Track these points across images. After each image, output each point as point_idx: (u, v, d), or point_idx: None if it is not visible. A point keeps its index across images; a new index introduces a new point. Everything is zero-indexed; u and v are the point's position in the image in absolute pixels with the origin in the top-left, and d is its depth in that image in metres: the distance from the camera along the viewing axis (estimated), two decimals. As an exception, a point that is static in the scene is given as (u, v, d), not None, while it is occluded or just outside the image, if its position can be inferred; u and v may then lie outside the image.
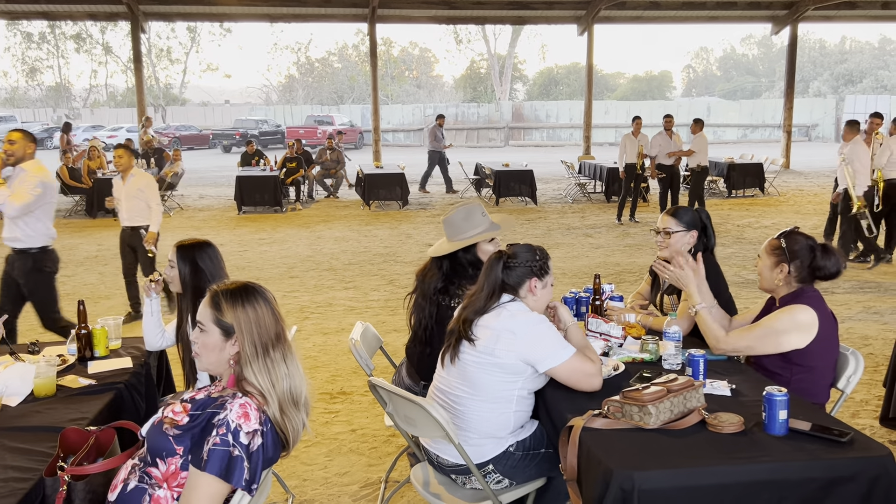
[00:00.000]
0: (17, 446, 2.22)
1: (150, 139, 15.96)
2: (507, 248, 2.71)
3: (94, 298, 7.45)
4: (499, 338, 2.50)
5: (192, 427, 1.91)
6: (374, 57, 17.27)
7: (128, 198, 6.36)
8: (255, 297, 2.02)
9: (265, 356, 1.98)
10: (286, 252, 9.76)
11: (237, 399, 1.92)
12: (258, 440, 1.90)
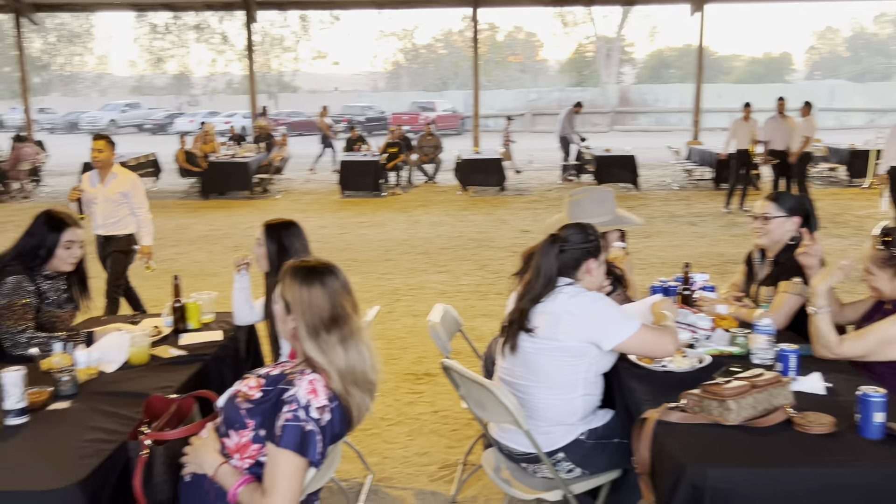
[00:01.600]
0: (107, 410, 2.36)
1: (265, 125, 16.61)
2: (558, 231, 2.62)
3: (202, 276, 7.82)
4: (558, 321, 2.44)
5: (262, 402, 1.96)
6: (476, 42, 17.20)
7: (105, 201, 5.23)
8: (315, 279, 2.04)
9: (316, 337, 2.01)
10: (384, 235, 9.93)
11: (306, 375, 1.96)
12: (327, 415, 1.93)
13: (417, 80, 50.65)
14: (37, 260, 3.12)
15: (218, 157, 14.03)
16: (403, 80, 51.15)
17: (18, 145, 14.08)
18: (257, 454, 1.97)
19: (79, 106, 44.14)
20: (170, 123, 36.33)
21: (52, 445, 2.09)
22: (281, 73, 45.87)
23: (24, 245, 3.15)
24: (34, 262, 3.12)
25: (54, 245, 3.14)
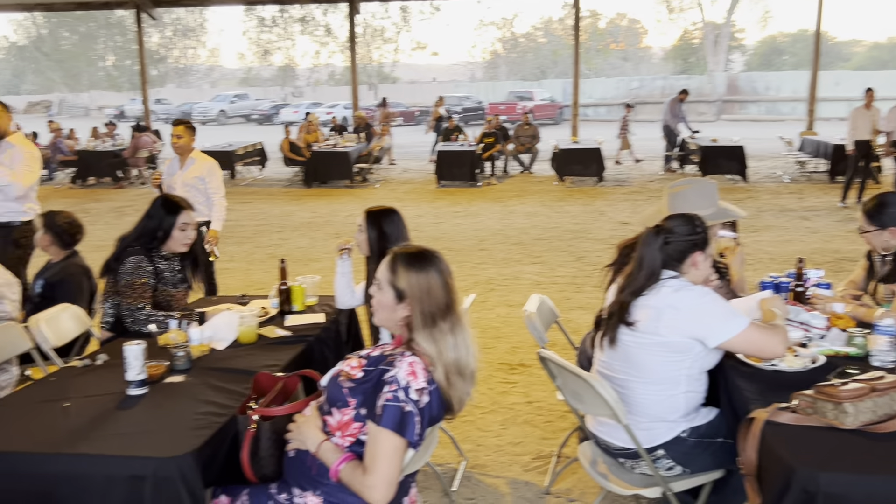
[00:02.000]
0: (218, 385, 2.48)
1: (362, 115, 16.97)
2: (662, 222, 2.53)
3: (305, 261, 8.08)
4: (661, 315, 2.37)
5: (364, 382, 2.01)
6: (577, 29, 16.89)
7: (184, 186, 5.19)
8: (429, 265, 2.06)
9: (433, 326, 2.02)
10: (478, 225, 9.95)
11: (406, 357, 1.99)
12: (425, 398, 1.96)
13: (515, 70, 50.31)
14: (154, 241, 3.32)
15: (320, 147, 14.44)
16: (501, 70, 50.93)
17: (137, 134, 14.97)
18: (358, 432, 2.02)
19: (191, 97, 46.49)
20: (275, 114, 37.66)
21: (169, 416, 2.22)
22: (381, 65, 46.69)
23: (143, 227, 3.36)
24: (152, 244, 3.32)
25: (171, 227, 3.33)
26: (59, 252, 3.86)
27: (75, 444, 2.02)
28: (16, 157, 4.60)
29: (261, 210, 11.59)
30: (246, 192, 13.74)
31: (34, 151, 4.69)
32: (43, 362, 3.20)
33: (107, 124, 17.03)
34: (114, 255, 3.31)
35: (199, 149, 5.48)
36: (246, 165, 15.43)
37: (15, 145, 4.61)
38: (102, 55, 52.98)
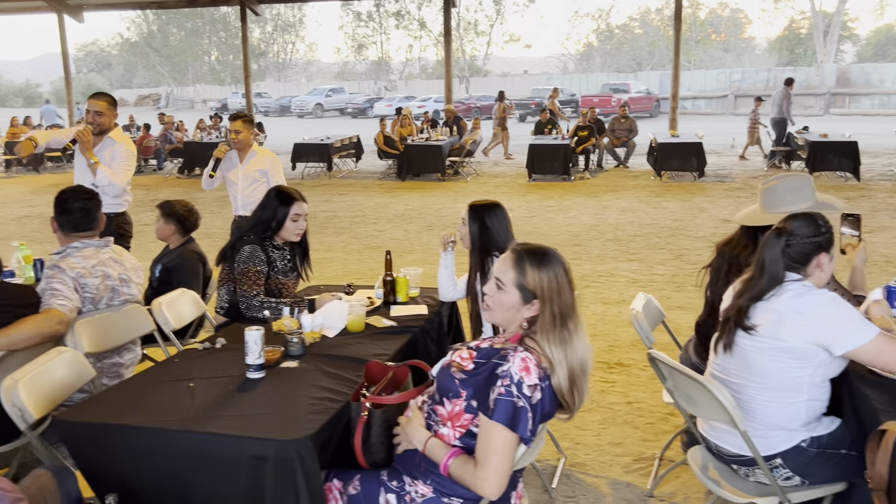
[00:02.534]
0: (331, 371, 2.55)
1: (452, 109, 17.04)
2: (783, 223, 2.41)
3: (399, 252, 8.19)
4: (783, 320, 2.26)
5: (476, 374, 2.02)
6: (679, 20, 16.36)
7: (245, 180, 5.14)
8: (555, 263, 2.04)
9: (562, 327, 2.00)
10: (571, 220, 9.82)
11: (518, 353, 1.98)
12: (538, 394, 1.95)
13: (610, 62, 49.30)
14: (268, 231, 3.45)
15: (414, 140, 14.60)
16: (595, 62, 50.00)
17: (241, 127, 15.54)
18: (469, 424, 2.03)
19: (289, 91, 47.97)
20: (369, 107, 38.31)
21: (287, 399, 2.31)
22: (473, 58, 46.76)
23: (258, 218, 3.50)
24: (266, 234, 3.44)
25: (284, 217, 3.45)
26: (179, 239, 4.07)
27: (202, 423, 2.12)
28: (116, 155, 4.68)
29: (356, 202, 11.84)
30: (342, 183, 14.07)
31: (132, 148, 4.80)
32: (163, 343, 3.38)
33: (211, 117, 17.79)
34: (230, 243, 3.46)
35: (299, 141, 5.56)
36: (342, 158, 15.78)
37: (116, 142, 4.71)
38: (207, 50, 55.39)
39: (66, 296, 2.89)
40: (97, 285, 3.09)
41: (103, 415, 2.20)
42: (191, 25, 53.35)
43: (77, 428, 2.16)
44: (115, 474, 2.14)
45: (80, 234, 3.15)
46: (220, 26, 52.68)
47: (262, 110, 40.50)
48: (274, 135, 22.11)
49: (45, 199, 10.52)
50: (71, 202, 3.14)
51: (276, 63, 56.26)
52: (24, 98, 62.68)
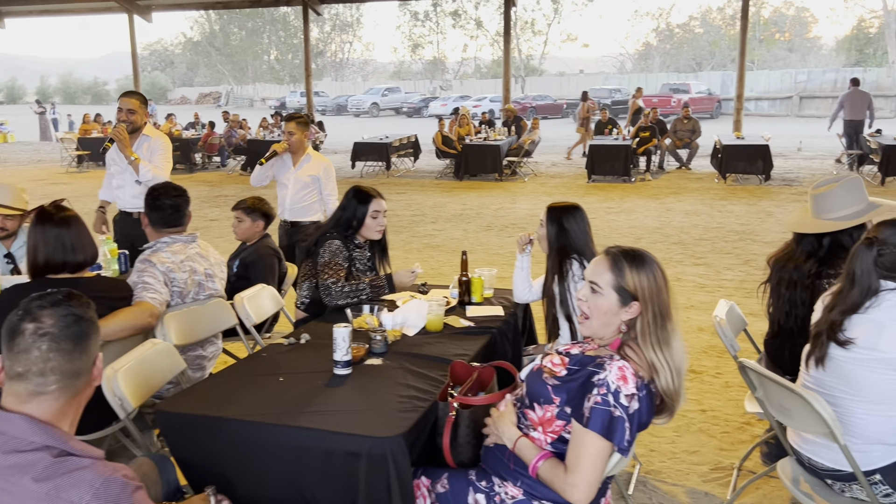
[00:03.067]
0: (416, 370, 2.57)
1: (511, 109, 16.99)
2: (872, 231, 2.32)
3: (459, 252, 8.19)
4: (882, 330, 2.18)
5: (569, 381, 2.00)
6: (745, 19, 15.97)
7: (297, 184, 4.96)
8: (653, 264, 2.02)
9: (662, 328, 1.97)
10: (633, 222, 9.69)
11: (615, 361, 1.96)
12: (635, 404, 1.92)
13: (669, 61, 48.44)
14: (350, 230, 3.50)
15: (472, 140, 14.61)
16: (654, 62, 49.20)
17: (302, 125, 15.80)
18: (561, 430, 2.02)
19: (346, 90, 48.57)
20: (424, 107, 38.49)
21: (375, 397, 2.33)
22: (529, 57, 46.54)
23: (338, 218, 3.55)
24: (348, 232, 3.50)
25: (364, 215, 3.50)
26: (257, 234, 4.16)
27: (295, 418, 2.16)
28: (154, 150, 4.67)
29: (415, 201, 11.90)
30: (400, 182, 14.16)
31: (167, 142, 4.78)
32: (244, 337, 3.46)
33: (273, 115, 18.12)
34: (313, 240, 3.53)
35: (358, 139, 5.56)
36: (400, 157, 15.89)
37: (151, 137, 4.70)
38: (266, 49, 56.51)
39: (156, 289, 2.98)
40: (185, 280, 3.18)
41: (200, 406, 2.26)
42: (251, 25, 54.52)
43: (176, 419, 2.22)
44: (211, 465, 2.19)
45: (169, 229, 3.25)
46: (280, 26, 53.69)
47: (320, 109, 41.11)
48: (331, 133, 22.42)
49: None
50: (162, 199, 3.24)
51: (333, 62, 57.04)
52: (92, 95, 65.02)
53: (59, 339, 1.51)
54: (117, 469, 1.47)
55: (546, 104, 36.00)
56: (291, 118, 5.00)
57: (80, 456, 1.47)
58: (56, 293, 1.58)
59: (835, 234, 2.87)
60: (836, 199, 2.85)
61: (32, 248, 2.75)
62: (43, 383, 1.49)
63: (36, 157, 20.22)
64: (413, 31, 47.57)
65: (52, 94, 59.53)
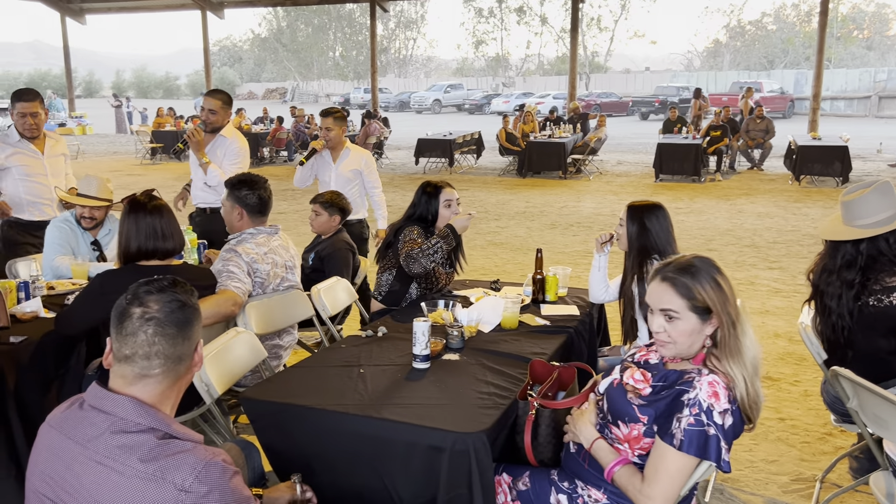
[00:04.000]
0: (493, 367, 2.56)
1: (577, 106, 16.82)
2: None
3: (523, 250, 8.16)
4: None
5: (656, 400, 1.96)
6: (825, 15, 15.37)
7: (338, 180, 4.83)
8: (708, 268, 1.97)
9: (734, 330, 1.93)
10: (703, 224, 9.45)
11: (704, 377, 1.90)
12: (729, 419, 1.87)
13: (739, 59, 47.09)
14: (426, 224, 3.52)
15: (536, 137, 14.50)
16: (723, 59, 47.91)
17: (368, 121, 15.98)
18: (649, 447, 1.97)
19: (408, 86, 48.90)
20: (486, 104, 38.42)
21: (455, 392, 2.33)
22: (595, 54, 45.96)
23: (411, 215, 3.59)
24: (425, 226, 3.52)
25: (437, 208, 3.53)
26: (333, 228, 4.22)
27: (378, 409, 2.18)
28: (228, 152, 4.65)
29: (477, 197, 11.89)
30: (462, 179, 14.17)
31: (244, 145, 4.74)
32: (320, 327, 3.52)
33: (339, 111, 18.35)
34: (392, 232, 3.57)
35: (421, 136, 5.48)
36: (463, 154, 15.91)
37: (227, 139, 4.67)
38: (332, 46, 57.35)
39: (240, 279, 3.05)
40: (267, 271, 3.24)
41: (285, 395, 2.30)
42: (318, 22, 55.40)
43: (262, 405, 2.27)
44: (294, 451, 2.23)
45: (254, 221, 3.32)
46: (346, 23, 54.39)
47: (382, 105, 41.53)
48: (394, 130, 22.63)
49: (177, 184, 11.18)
50: (249, 193, 3.30)
51: (396, 59, 57.50)
52: (164, 90, 67.20)
53: (164, 323, 1.55)
54: (217, 453, 1.50)
55: (611, 101, 35.48)
56: (328, 113, 4.85)
57: (182, 439, 1.51)
58: (162, 280, 1.62)
59: (872, 240, 2.74)
60: (870, 205, 2.72)
61: (125, 235, 2.85)
62: (148, 366, 1.54)
63: (112, 148, 21.01)
64: (477, 28, 47.59)
65: (126, 89, 61.78)
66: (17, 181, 4.47)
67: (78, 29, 23.03)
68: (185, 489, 1.41)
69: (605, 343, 3.72)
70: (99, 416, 1.51)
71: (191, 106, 30.64)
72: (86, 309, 2.77)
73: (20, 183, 4.47)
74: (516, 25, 45.59)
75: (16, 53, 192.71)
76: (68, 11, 22.58)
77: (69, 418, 1.54)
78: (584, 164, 14.58)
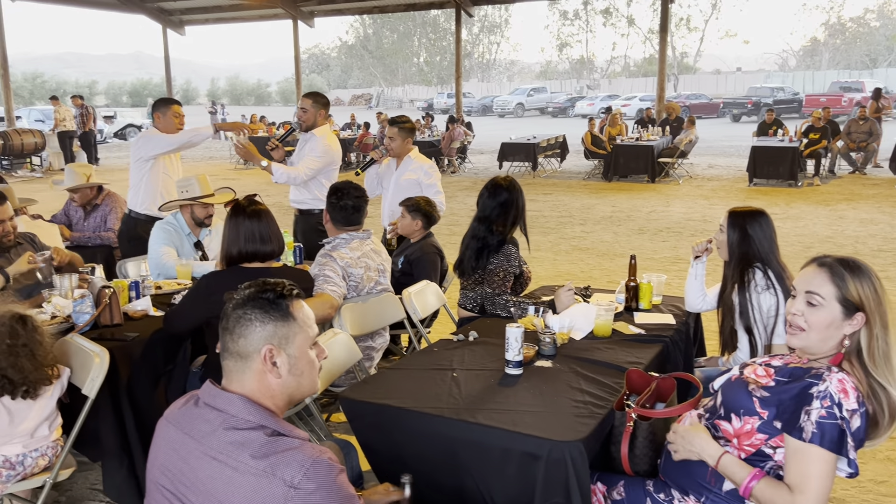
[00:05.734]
0: (588, 375, 2.53)
1: (674, 106, 16.39)
2: None
3: (610, 255, 8.02)
4: None
5: (780, 392, 1.88)
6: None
7: (397, 188, 4.74)
8: (871, 273, 1.89)
9: (887, 336, 1.84)
10: (801, 230, 9.05)
11: (834, 373, 1.82)
12: (857, 420, 1.78)
13: (839, 58, 44.83)
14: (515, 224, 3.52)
15: (623, 140, 14.23)
16: (821, 58, 45.72)
17: (452, 126, 16.08)
18: (761, 444, 1.90)
19: (491, 90, 48.93)
20: (570, 106, 38.01)
21: (550, 399, 2.32)
22: (684, 55, 44.77)
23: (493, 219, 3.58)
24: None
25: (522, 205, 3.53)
26: (421, 232, 4.26)
27: (473, 414, 2.19)
28: (310, 149, 4.75)
29: (561, 202, 11.77)
30: (546, 183, 14.06)
31: (330, 145, 4.77)
32: (410, 330, 3.56)
33: (424, 116, 18.56)
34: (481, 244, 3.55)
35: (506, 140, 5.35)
36: (547, 157, 15.78)
37: (315, 136, 4.77)
38: (416, 52, 58.06)
39: (336, 282, 3.13)
40: (361, 275, 3.31)
41: (382, 395, 2.34)
42: (403, 28, 56.24)
43: (360, 406, 2.32)
44: (391, 452, 2.27)
45: (349, 227, 3.40)
46: (430, 29, 54.96)
47: (465, 110, 41.72)
48: (476, 133, 22.67)
49: (279, 189, 11.56)
50: (345, 199, 3.39)
51: (479, 63, 57.66)
52: (256, 97, 69.71)
53: (265, 323, 1.60)
54: (323, 451, 1.54)
55: (701, 103, 34.45)
56: (394, 122, 4.81)
57: (290, 436, 1.56)
58: (267, 282, 1.67)
59: None
60: None
61: (227, 239, 2.96)
62: (249, 365, 1.59)
63: (207, 154, 21.92)
64: (561, 30, 47.16)
65: (220, 96, 64.43)
66: (159, 176, 4.77)
67: (177, 39, 24.18)
68: (295, 486, 1.45)
69: (702, 354, 3.61)
70: (212, 412, 1.57)
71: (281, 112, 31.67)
72: (192, 308, 2.90)
73: (161, 178, 4.77)
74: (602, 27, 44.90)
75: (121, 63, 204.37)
76: (170, 23, 23.75)
77: (185, 414, 1.62)
78: (673, 167, 14.21)
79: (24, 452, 2.45)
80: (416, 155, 4.86)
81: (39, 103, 43.44)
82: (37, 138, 17.00)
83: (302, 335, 1.63)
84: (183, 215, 4.21)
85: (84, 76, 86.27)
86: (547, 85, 45.99)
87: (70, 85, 63.99)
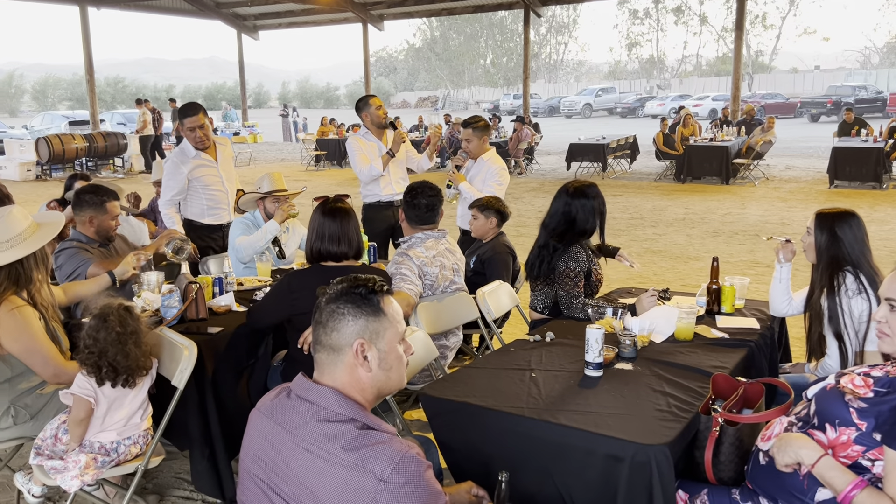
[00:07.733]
0: (671, 378, 2.48)
1: (752, 108, 15.92)
2: None
3: (683, 258, 7.84)
4: None
5: (879, 403, 1.81)
6: None
7: (469, 190, 4.77)
8: None
9: None
10: (886, 234, 8.64)
11: None
12: None
13: (928, 54, 42.64)
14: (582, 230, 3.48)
15: (696, 141, 13.89)
16: (909, 55, 43.64)
17: (519, 127, 16.02)
18: (858, 455, 1.82)
19: (558, 91, 48.52)
20: (639, 107, 37.35)
21: (632, 402, 2.28)
22: (759, 53, 43.42)
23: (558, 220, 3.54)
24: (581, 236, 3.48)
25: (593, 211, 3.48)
26: (495, 231, 4.26)
27: (555, 415, 2.17)
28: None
29: (632, 203, 11.57)
30: (616, 184, 13.85)
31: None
32: (484, 329, 3.56)
33: (491, 118, 18.54)
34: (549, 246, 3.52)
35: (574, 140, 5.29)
36: (616, 158, 15.54)
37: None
38: (483, 53, 58.08)
39: (412, 281, 3.16)
40: (436, 274, 3.34)
41: (461, 394, 2.35)
42: (469, 30, 56.36)
43: (439, 403, 2.33)
44: (471, 450, 2.27)
45: (423, 226, 3.43)
46: (497, 30, 54.91)
47: (532, 111, 41.53)
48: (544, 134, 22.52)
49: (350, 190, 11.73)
50: (419, 199, 3.42)
51: (547, 64, 57.26)
52: (325, 100, 71.04)
53: (357, 317, 1.63)
54: (411, 446, 1.55)
55: (777, 103, 33.33)
56: (468, 124, 4.84)
57: (379, 430, 1.58)
58: (359, 277, 1.70)
59: None
60: None
61: (311, 237, 3.03)
62: (338, 358, 1.62)
63: (280, 156, 22.46)
64: (631, 30, 46.41)
65: (291, 99, 65.90)
66: (199, 191, 4.77)
67: (250, 44, 24.86)
68: (384, 479, 1.47)
69: (787, 359, 3.49)
70: (304, 404, 1.61)
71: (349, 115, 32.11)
72: (275, 305, 2.98)
73: (202, 192, 4.78)
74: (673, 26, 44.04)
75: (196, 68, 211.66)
76: (244, 28, 24.45)
77: (278, 406, 1.66)
78: (748, 169, 13.79)
79: (118, 440, 2.56)
80: (489, 156, 4.88)
81: (121, 107, 45.33)
82: (119, 141, 17.77)
83: (392, 330, 1.66)
84: (259, 211, 4.33)
85: (162, 80, 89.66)
86: (615, 85, 45.29)
87: (149, 89, 66.57)
